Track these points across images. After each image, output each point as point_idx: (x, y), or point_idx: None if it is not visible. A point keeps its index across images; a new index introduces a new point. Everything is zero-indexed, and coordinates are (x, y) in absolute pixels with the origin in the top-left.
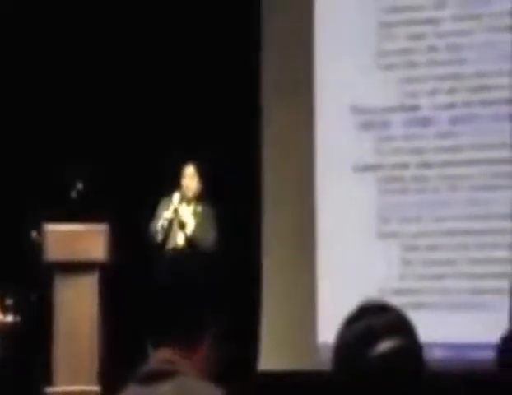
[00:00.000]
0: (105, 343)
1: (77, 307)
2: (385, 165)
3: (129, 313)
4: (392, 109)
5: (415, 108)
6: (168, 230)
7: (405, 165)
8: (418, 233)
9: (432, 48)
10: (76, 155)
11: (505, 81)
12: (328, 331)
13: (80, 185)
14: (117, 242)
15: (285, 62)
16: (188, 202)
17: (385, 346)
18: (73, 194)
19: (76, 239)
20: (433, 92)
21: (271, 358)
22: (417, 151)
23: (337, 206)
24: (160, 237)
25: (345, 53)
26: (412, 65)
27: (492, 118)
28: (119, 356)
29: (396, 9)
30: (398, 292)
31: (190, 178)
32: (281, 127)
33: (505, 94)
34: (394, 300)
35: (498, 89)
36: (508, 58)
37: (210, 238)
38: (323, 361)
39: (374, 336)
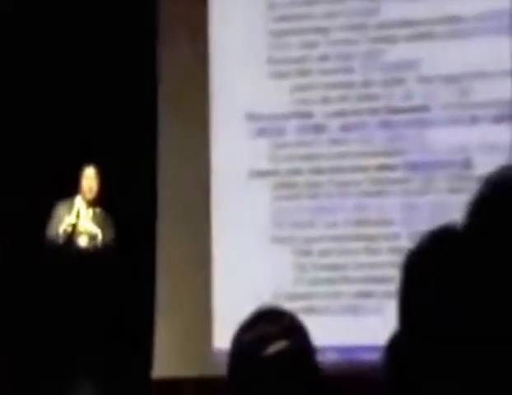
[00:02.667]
0: None
1: None
2: (279, 171)
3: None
4: (285, 116)
5: (307, 115)
6: (70, 234)
7: (298, 171)
8: (311, 238)
9: (323, 57)
10: None
11: (390, 90)
12: (223, 336)
13: None
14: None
15: (180, 69)
16: (88, 204)
17: (277, 347)
18: None
19: None
20: (325, 100)
21: (165, 365)
22: (310, 158)
23: (232, 212)
24: (61, 241)
25: (239, 62)
26: (305, 73)
27: (379, 126)
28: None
29: (287, 18)
30: (292, 297)
31: (91, 179)
32: (177, 134)
33: (389, 102)
34: (288, 305)
35: (384, 98)
36: (391, 67)
37: (110, 240)
38: (219, 367)
39: (267, 341)
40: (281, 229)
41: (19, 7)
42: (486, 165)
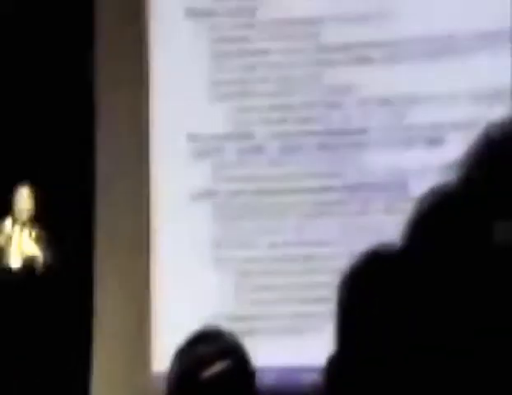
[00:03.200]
0: None
1: None
2: (221, 192)
3: None
4: (227, 137)
5: (248, 136)
6: (1, 255)
7: (240, 192)
8: (252, 259)
9: (264, 79)
10: None
11: (329, 112)
12: (162, 360)
13: None
14: None
15: (119, 91)
16: (23, 224)
17: (216, 369)
18: None
19: None
20: (265, 121)
21: (104, 392)
22: (251, 179)
23: (173, 233)
24: None
25: (180, 82)
26: (246, 95)
27: (318, 148)
28: None
29: (228, 40)
30: (233, 318)
31: (24, 200)
32: (115, 155)
33: (328, 125)
34: (229, 326)
35: (323, 120)
36: (330, 90)
37: (47, 261)
38: (159, 391)
39: (206, 363)
40: (223, 250)
41: None
42: (422, 187)
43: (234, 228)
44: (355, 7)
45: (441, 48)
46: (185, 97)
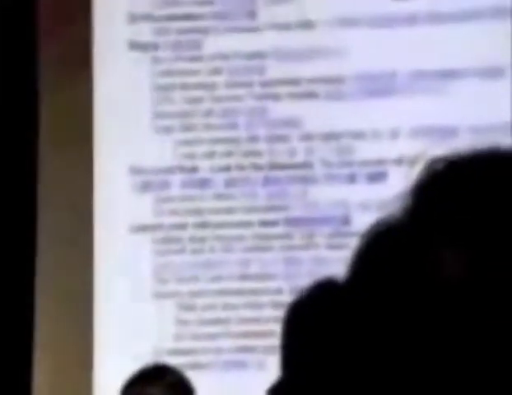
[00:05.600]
0: None
1: None
2: (163, 226)
3: None
4: (170, 170)
5: (193, 169)
6: None
7: (183, 226)
8: (194, 292)
9: (208, 112)
10: None
11: (274, 146)
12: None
13: None
14: None
15: (63, 126)
16: None
17: None
18: None
19: None
20: (210, 155)
21: None
22: (195, 212)
23: (113, 267)
24: None
25: (123, 115)
26: (190, 128)
27: (262, 182)
28: None
29: (172, 73)
30: (174, 352)
31: None
32: (59, 190)
33: (273, 159)
34: (170, 360)
35: (268, 154)
36: (275, 124)
37: None
38: None
39: None
40: (164, 284)
41: None
42: (364, 222)
43: (176, 262)
44: (300, 43)
45: (384, 85)
46: (128, 130)
